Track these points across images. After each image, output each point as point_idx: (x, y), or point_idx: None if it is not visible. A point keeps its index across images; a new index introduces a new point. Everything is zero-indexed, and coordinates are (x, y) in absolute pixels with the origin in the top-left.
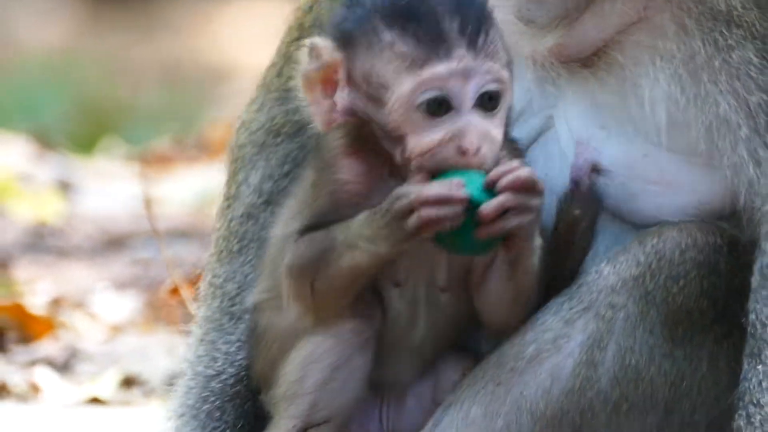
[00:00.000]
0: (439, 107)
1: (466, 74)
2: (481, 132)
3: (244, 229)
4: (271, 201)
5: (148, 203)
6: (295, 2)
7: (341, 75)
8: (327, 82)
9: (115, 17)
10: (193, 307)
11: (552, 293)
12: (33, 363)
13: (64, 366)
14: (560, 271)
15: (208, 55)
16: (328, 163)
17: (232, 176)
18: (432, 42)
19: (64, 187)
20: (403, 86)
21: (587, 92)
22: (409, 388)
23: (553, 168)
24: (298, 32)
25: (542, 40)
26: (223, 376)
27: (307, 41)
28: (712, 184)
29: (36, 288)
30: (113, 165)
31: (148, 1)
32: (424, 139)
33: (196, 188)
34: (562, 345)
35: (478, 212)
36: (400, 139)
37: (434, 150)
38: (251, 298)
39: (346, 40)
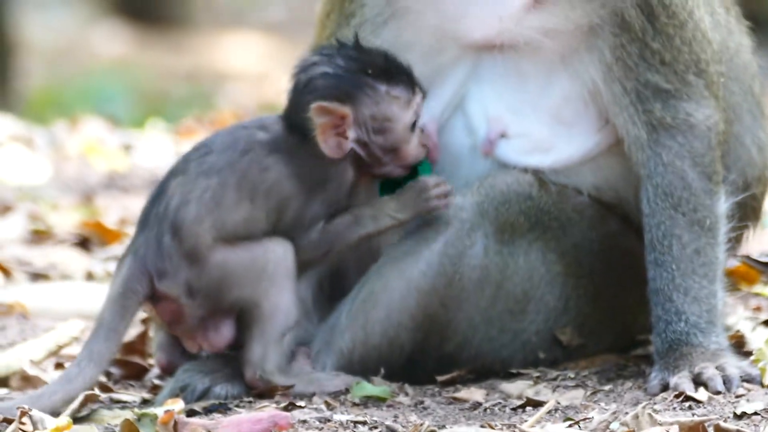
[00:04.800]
0: (415, 125)
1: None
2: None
3: None
4: None
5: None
6: (270, 33)
7: (350, 120)
8: (336, 127)
9: (159, 38)
10: None
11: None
12: (108, 259)
13: None
14: None
15: (218, 64)
16: (334, 176)
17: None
18: (410, 87)
19: (127, 148)
20: (405, 117)
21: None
22: None
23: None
24: None
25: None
26: None
27: (314, 105)
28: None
29: (110, 212)
30: (158, 135)
31: (180, 28)
32: (415, 145)
33: None
34: (431, 243)
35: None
36: (396, 151)
37: (418, 151)
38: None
39: (350, 97)
